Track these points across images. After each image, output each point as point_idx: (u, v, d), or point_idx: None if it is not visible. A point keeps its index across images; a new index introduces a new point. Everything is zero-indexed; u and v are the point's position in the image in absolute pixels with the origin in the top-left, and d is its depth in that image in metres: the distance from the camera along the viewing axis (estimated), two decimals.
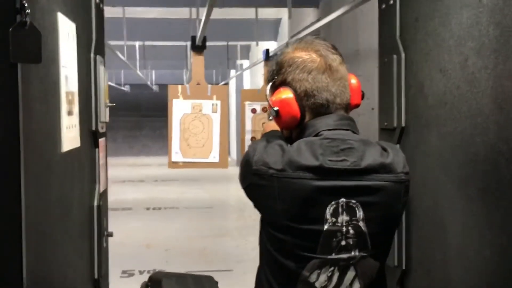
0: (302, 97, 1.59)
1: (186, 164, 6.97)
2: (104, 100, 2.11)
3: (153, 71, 17.84)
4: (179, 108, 6.87)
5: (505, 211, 1.47)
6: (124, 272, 6.34)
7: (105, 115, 2.13)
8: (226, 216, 9.46)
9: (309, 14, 8.08)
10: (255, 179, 1.52)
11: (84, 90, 1.93)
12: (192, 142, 6.88)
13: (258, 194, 1.55)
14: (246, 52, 14.58)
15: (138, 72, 11.79)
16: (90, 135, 2.03)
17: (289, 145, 1.56)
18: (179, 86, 6.87)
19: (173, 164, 6.96)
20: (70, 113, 1.66)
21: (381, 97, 2.26)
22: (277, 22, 10.91)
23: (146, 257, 6.85)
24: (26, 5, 1.19)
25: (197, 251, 7.16)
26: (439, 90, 1.80)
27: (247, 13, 8.96)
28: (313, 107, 1.60)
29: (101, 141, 2.14)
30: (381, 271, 1.64)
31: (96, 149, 2.09)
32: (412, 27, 2.00)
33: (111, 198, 11.36)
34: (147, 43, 11.89)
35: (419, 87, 1.95)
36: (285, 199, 1.49)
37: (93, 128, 2.05)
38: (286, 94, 1.59)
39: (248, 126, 7.23)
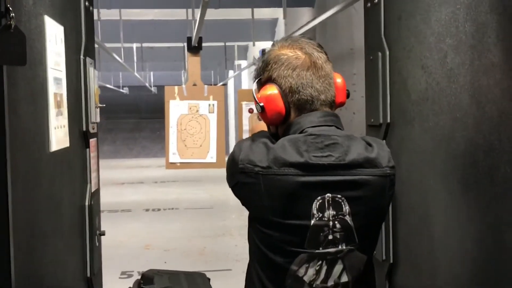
0: (287, 93, 1.62)
1: (184, 165, 7.02)
2: (94, 101, 2.15)
3: (151, 73, 17.88)
4: (176, 109, 6.92)
5: (484, 204, 1.50)
6: (123, 273, 6.37)
7: (95, 115, 2.16)
8: (226, 216, 9.48)
9: (304, 13, 8.12)
10: (241, 177, 1.55)
11: (73, 91, 1.96)
12: (189, 143, 6.92)
13: (245, 192, 1.57)
14: (244, 53, 14.61)
15: (136, 74, 11.83)
16: (80, 136, 2.06)
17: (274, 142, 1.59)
18: (176, 87, 6.91)
19: (171, 165, 7.00)
20: (58, 113, 1.69)
21: (367, 94, 2.29)
22: (274, 22, 10.95)
23: (145, 258, 6.88)
24: (11, 8, 1.22)
25: (196, 251, 7.19)
26: (421, 86, 1.84)
27: (244, 13, 9.00)
28: (298, 103, 1.63)
29: (92, 141, 2.18)
30: (369, 263, 1.67)
31: (87, 149, 2.12)
32: (396, 24, 2.04)
33: (111, 199, 11.33)
34: (145, 45, 11.93)
35: (402, 83, 1.99)
36: (271, 196, 1.51)
37: (84, 129, 2.08)
38: (272, 90, 1.63)
39: (246, 126, 7.26)
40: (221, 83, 16.16)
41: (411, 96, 1.92)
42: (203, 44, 6.53)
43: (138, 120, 23.99)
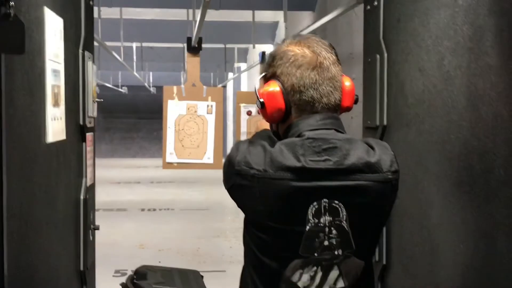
0: (288, 91, 1.56)
1: (181, 165, 7.01)
2: (92, 95, 2.15)
3: (151, 73, 17.88)
4: (174, 109, 6.92)
5: (477, 207, 1.50)
6: (117, 271, 6.36)
7: (93, 110, 2.16)
8: (221, 217, 9.48)
9: (305, 17, 8.14)
10: (237, 180, 1.51)
11: (71, 84, 1.96)
12: (186, 143, 6.91)
13: (241, 194, 1.54)
14: (244, 55, 14.62)
15: (135, 73, 11.83)
16: (77, 129, 2.07)
17: (276, 142, 1.55)
18: (174, 87, 6.91)
19: (168, 165, 6.99)
20: (56, 105, 1.69)
21: (365, 96, 2.30)
22: (274, 25, 10.96)
23: (140, 257, 6.86)
24: None
25: (191, 252, 7.19)
26: (418, 88, 1.84)
27: (245, 15, 9.01)
28: (298, 103, 1.56)
29: (89, 135, 2.18)
30: (367, 269, 1.60)
31: (84, 143, 2.12)
32: (394, 27, 2.04)
33: (107, 198, 11.24)
34: (145, 44, 11.93)
35: (400, 86, 2.00)
36: (266, 200, 1.48)
37: (81, 122, 2.08)
38: (273, 87, 1.57)
39: (244, 128, 7.26)
40: (220, 85, 16.17)
41: (408, 98, 1.92)
42: (203, 45, 6.52)
43: (136, 120, 23.95)
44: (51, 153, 1.68)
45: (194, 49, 6.73)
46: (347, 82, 1.64)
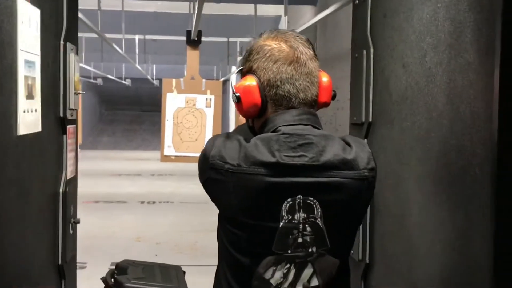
0: (265, 86, 1.54)
1: (178, 158, 7.01)
2: (73, 87, 2.12)
3: (154, 66, 17.85)
4: (173, 102, 6.91)
5: (454, 207, 1.48)
6: (113, 264, 6.34)
7: (74, 102, 2.13)
8: None
9: (306, 11, 8.10)
10: (212, 174, 1.49)
11: (50, 76, 1.93)
12: (184, 136, 6.91)
13: (214, 188, 1.52)
14: None
15: (137, 65, 11.81)
16: (57, 121, 2.04)
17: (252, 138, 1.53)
18: (174, 80, 6.90)
19: (166, 158, 7.00)
20: (29, 97, 1.66)
21: (351, 92, 2.27)
22: (277, 19, 10.91)
23: (137, 250, 6.87)
24: None
25: (188, 245, 7.18)
26: (402, 85, 1.81)
27: (247, 9, 8.97)
28: (275, 98, 1.54)
29: (70, 128, 2.15)
30: (343, 268, 1.56)
31: (64, 136, 2.10)
32: (381, 23, 2.01)
33: (107, 190, 11.23)
34: (148, 37, 11.90)
35: (385, 82, 1.96)
36: (240, 195, 1.46)
37: (61, 115, 2.05)
38: (250, 81, 1.55)
39: (243, 120, 7.22)
40: (223, 79, 16.15)
41: (392, 95, 1.89)
42: (206, 39, 6.51)
43: (139, 112, 23.93)
44: (23, 145, 1.65)
45: (194, 42, 6.71)
46: (324, 78, 1.61)
